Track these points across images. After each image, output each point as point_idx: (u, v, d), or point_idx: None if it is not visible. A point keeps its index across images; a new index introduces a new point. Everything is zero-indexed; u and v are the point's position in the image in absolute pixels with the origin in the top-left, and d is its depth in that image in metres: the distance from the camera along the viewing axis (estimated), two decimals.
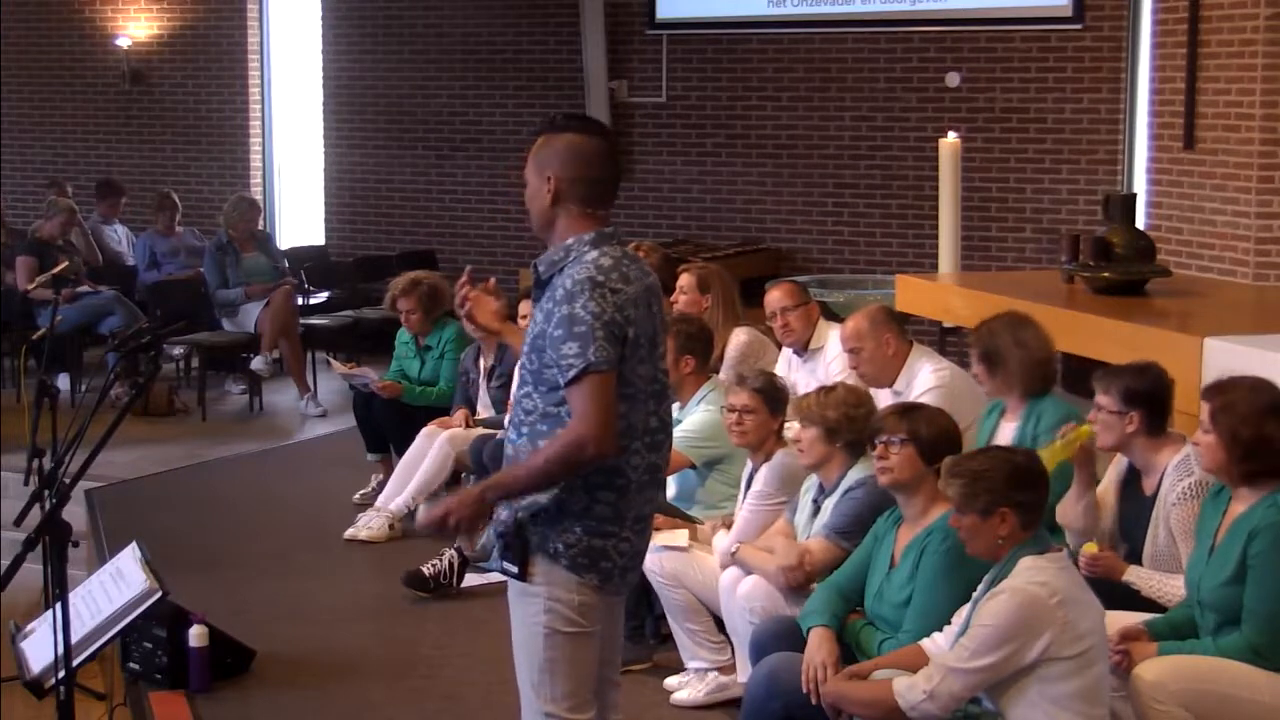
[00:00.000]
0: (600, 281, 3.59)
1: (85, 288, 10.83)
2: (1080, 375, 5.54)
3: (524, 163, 3.82)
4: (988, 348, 5.32)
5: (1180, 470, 4.66)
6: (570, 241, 3.70)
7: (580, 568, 3.67)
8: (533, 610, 3.71)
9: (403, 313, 8.06)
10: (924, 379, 5.91)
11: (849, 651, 4.48)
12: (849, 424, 4.99)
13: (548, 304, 3.65)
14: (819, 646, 4.41)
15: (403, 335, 8.23)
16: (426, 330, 8.08)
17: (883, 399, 5.92)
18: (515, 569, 3.71)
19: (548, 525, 3.67)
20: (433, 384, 8.01)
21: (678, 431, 5.98)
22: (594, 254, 3.65)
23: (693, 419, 6.01)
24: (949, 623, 4.28)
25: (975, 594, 4.09)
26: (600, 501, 3.66)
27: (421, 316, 8.04)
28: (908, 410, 4.66)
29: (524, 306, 6.49)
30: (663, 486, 3.81)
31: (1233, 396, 4.31)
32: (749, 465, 5.54)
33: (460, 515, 3.69)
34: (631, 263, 3.71)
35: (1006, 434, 5.24)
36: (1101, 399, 4.82)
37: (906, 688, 3.98)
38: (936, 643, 4.24)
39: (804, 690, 4.33)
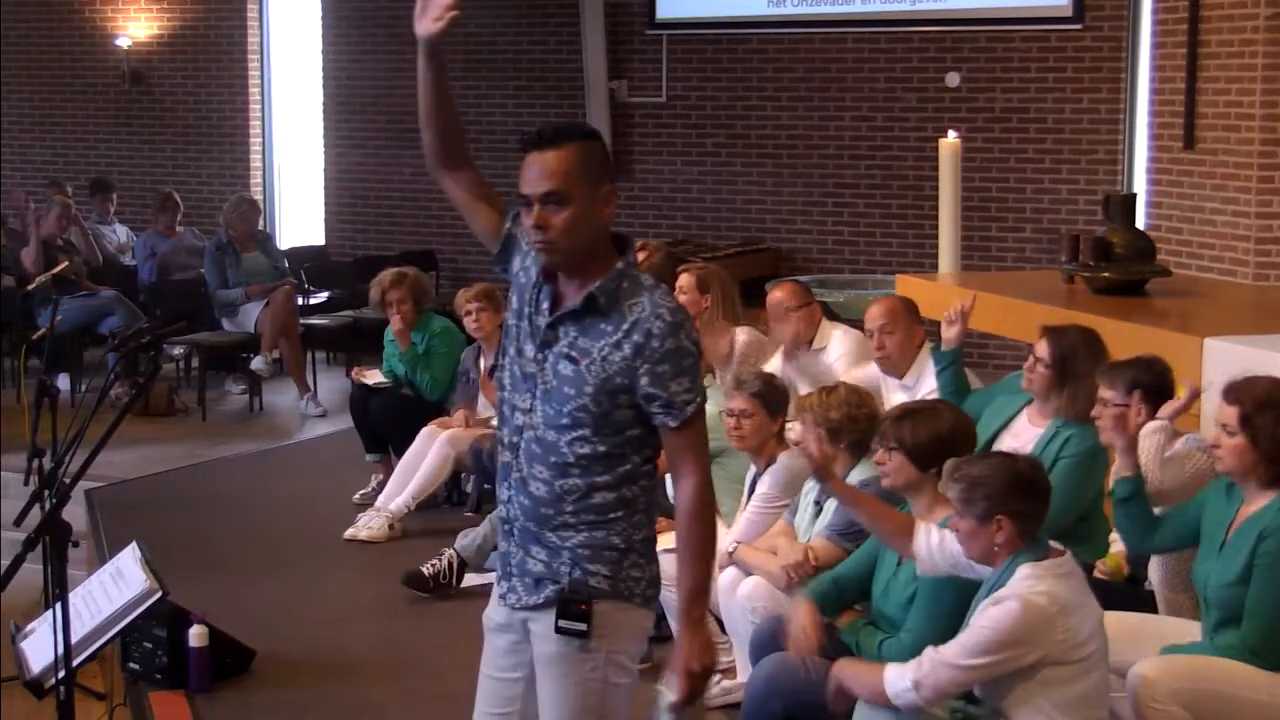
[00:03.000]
0: (685, 317, 3.33)
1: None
2: None
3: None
4: (1066, 357, 5.15)
5: (1153, 429, 4.72)
6: (621, 266, 3.33)
7: (650, 600, 3.44)
8: (588, 667, 3.37)
9: (394, 304, 8.00)
10: (934, 375, 5.93)
11: (849, 652, 4.48)
12: (851, 424, 4.99)
13: (614, 335, 3.28)
14: (799, 615, 4.42)
15: (389, 334, 8.25)
16: (414, 323, 8.05)
17: (893, 392, 5.95)
18: (583, 625, 3.34)
19: (613, 564, 3.36)
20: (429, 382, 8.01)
21: None
22: (651, 279, 3.36)
23: None
24: (948, 622, 4.27)
25: (975, 598, 4.08)
26: (643, 525, 3.43)
27: (413, 306, 8.03)
28: (901, 416, 4.63)
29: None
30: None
31: (1267, 397, 4.24)
32: (752, 469, 5.53)
33: (707, 664, 3.36)
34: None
35: (1027, 437, 5.21)
36: (1107, 393, 4.81)
37: (896, 675, 3.98)
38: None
39: (790, 654, 4.35)
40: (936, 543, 4.26)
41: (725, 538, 5.33)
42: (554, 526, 3.38)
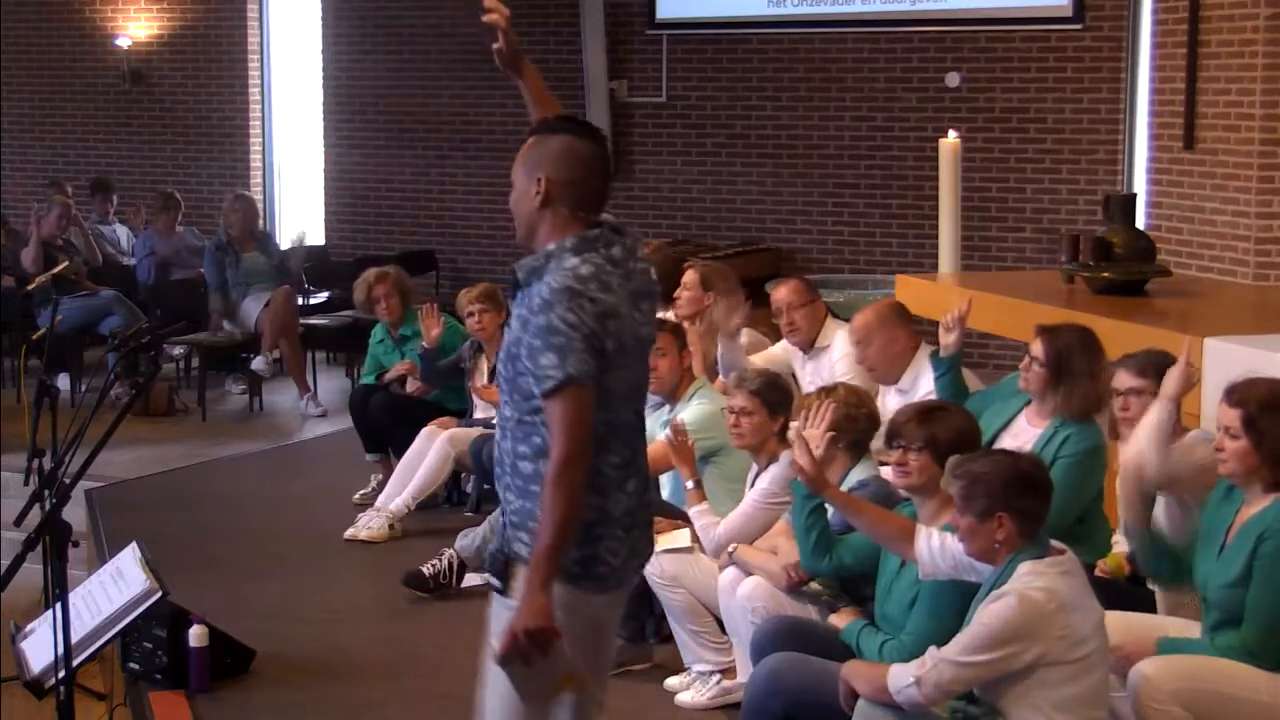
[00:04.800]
0: (578, 291, 3.45)
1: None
2: None
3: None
4: (1062, 356, 5.14)
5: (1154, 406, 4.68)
6: (552, 247, 3.56)
7: (574, 577, 3.52)
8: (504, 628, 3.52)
9: (381, 300, 8.17)
10: (930, 378, 5.92)
11: (849, 652, 4.48)
12: (851, 424, 4.99)
13: (524, 311, 3.52)
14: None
15: (377, 333, 8.30)
16: (401, 319, 8.17)
17: (888, 397, 5.94)
18: (499, 584, 3.60)
19: (535, 535, 3.49)
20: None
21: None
22: (574, 261, 3.51)
23: (689, 412, 6.02)
24: (950, 624, 4.27)
25: (976, 597, 4.08)
26: (587, 506, 3.50)
27: (399, 301, 8.18)
28: (926, 415, 4.62)
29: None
30: (644, 477, 3.69)
31: (1269, 398, 4.21)
32: (754, 468, 5.53)
33: (538, 632, 3.38)
34: (616, 267, 3.54)
35: (1027, 437, 5.21)
36: (1138, 381, 4.79)
37: (899, 672, 3.99)
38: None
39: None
40: (938, 546, 4.26)
41: (720, 527, 5.34)
42: (504, 487, 3.64)
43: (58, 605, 4.23)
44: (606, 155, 3.70)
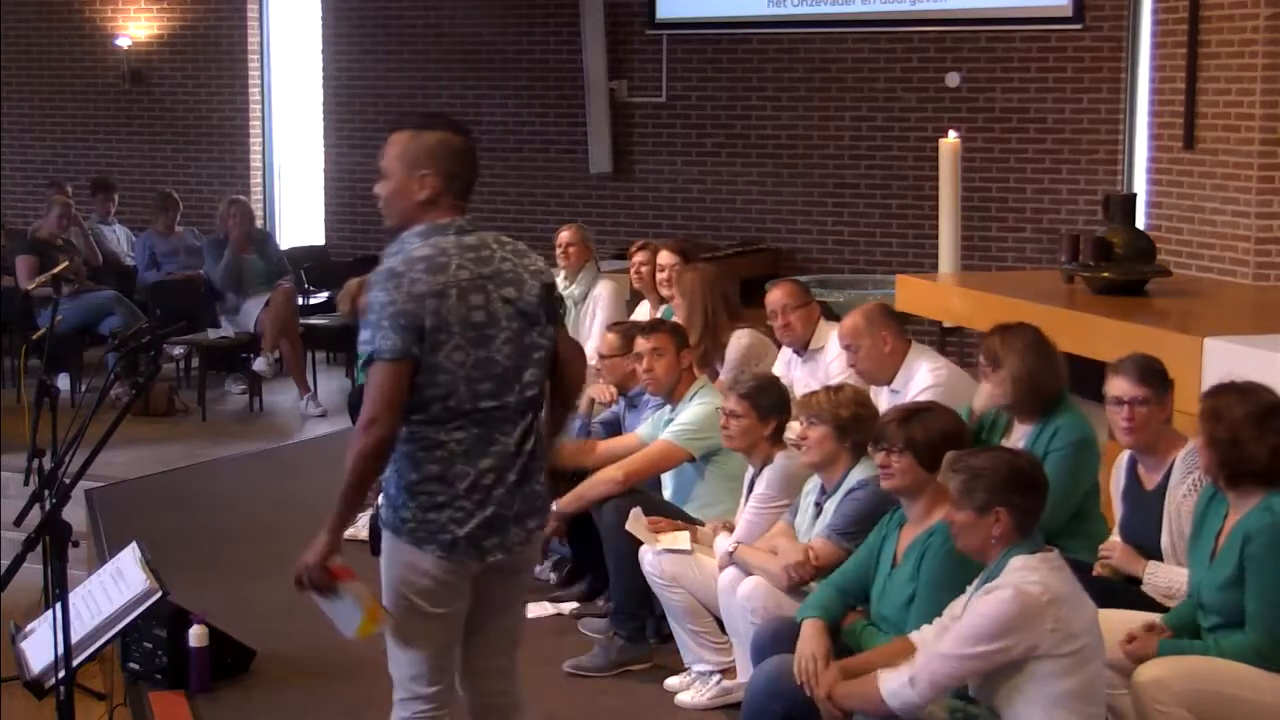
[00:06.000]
0: (399, 272, 3.74)
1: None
2: (1083, 377, 5.51)
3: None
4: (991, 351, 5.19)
5: (1189, 462, 4.67)
6: (406, 234, 3.86)
7: (420, 540, 3.81)
8: (387, 583, 3.90)
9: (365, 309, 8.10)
10: (922, 378, 5.89)
11: (849, 652, 4.48)
12: (858, 424, 4.98)
13: None
14: (810, 638, 4.41)
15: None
16: None
17: (880, 398, 5.93)
18: (370, 545, 3.90)
19: (388, 504, 3.87)
20: None
21: (673, 424, 6.00)
22: (415, 243, 3.81)
23: (688, 412, 6.02)
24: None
25: (969, 592, 4.09)
26: (427, 476, 3.79)
27: None
28: (906, 417, 4.62)
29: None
30: (508, 461, 3.85)
31: (1218, 402, 4.32)
32: (750, 469, 5.53)
33: (309, 570, 3.81)
34: (465, 252, 3.82)
35: (1017, 435, 5.19)
36: (1140, 390, 4.78)
37: (891, 676, 4.00)
38: (924, 635, 4.22)
39: (797, 682, 4.33)
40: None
41: (728, 541, 5.34)
42: None
43: (58, 605, 4.23)
44: (474, 149, 4.01)
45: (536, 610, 6.11)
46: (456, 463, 3.80)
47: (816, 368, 6.72)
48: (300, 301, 11.25)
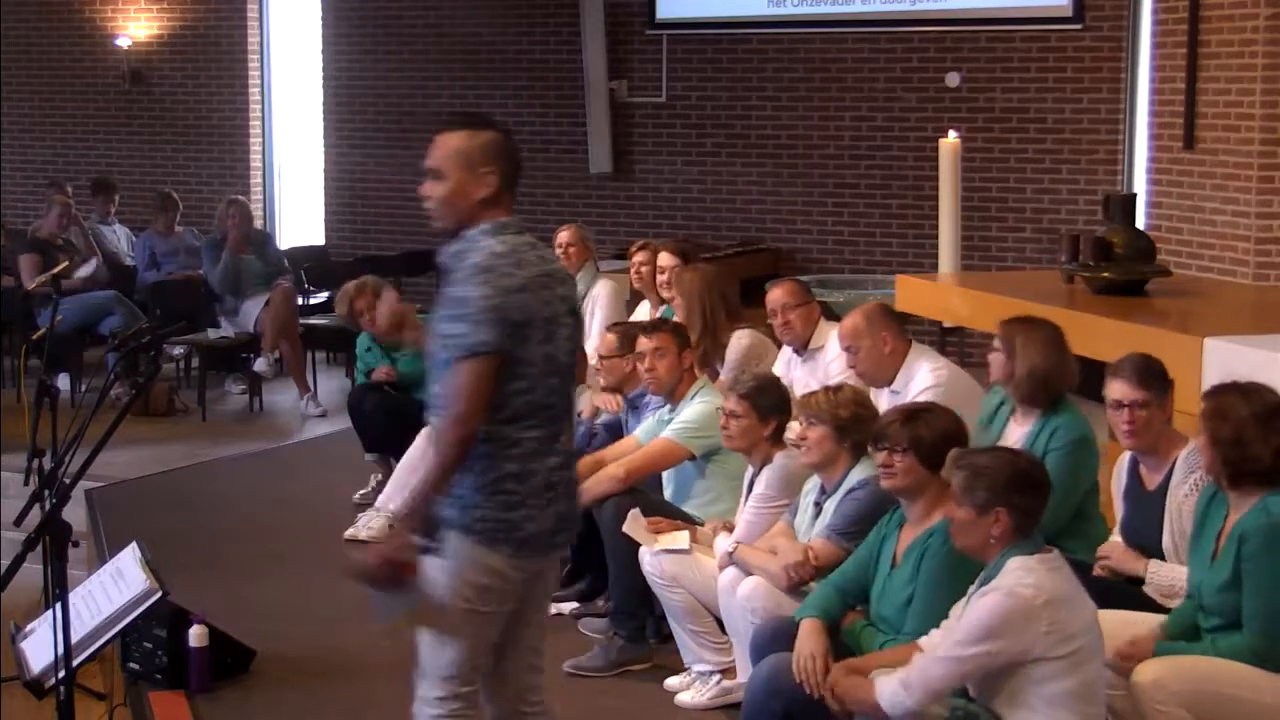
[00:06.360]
0: (488, 267, 3.75)
1: (85, 270, 10.90)
2: (1082, 377, 5.50)
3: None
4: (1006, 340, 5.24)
5: (1190, 462, 4.67)
6: (473, 232, 3.85)
7: (495, 540, 3.79)
8: (447, 582, 3.81)
9: (364, 312, 8.11)
10: (922, 378, 5.89)
11: (849, 652, 4.48)
12: (857, 424, 4.98)
13: (448, 290, 3.81)
14: (809, 637, 4.42)
15: (363, 342, 8.27)
16: None
17: (881, 399, 5.93)
18: (424, 542, 3.80)
19: (458, 505, 3.79)
20: (414, 378, 8.04)
21: (674, 423, 6.00)
22: (490, 241, 3.81)
23: (689, 410, 6.02)
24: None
25: (969, 592, 4.09)
26: (505, 474, 3.78)
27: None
28: (909, 417, 4.62)
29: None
30: (568, 456, 3.95)
31: (1221, 402, 4.32)
32: (749, 469, 5.53)
33: (395, 557, 3.72)
34: (530, 249, 3.86)
35: (1015, 436, 5.20)
36: (1141, 393, 4.77)
37: (885, 681, 4.00)
38: (933, 640, 4.24)
39: (796, 681, 4.33)
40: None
41: (727, 541, 5.34)
42: None
43: (58, 605, 4.23)
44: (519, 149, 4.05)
45: None
46: (530, 461, 3.82)
47: (816, 367, 6.72)
48: (300, 302, 11.25)
